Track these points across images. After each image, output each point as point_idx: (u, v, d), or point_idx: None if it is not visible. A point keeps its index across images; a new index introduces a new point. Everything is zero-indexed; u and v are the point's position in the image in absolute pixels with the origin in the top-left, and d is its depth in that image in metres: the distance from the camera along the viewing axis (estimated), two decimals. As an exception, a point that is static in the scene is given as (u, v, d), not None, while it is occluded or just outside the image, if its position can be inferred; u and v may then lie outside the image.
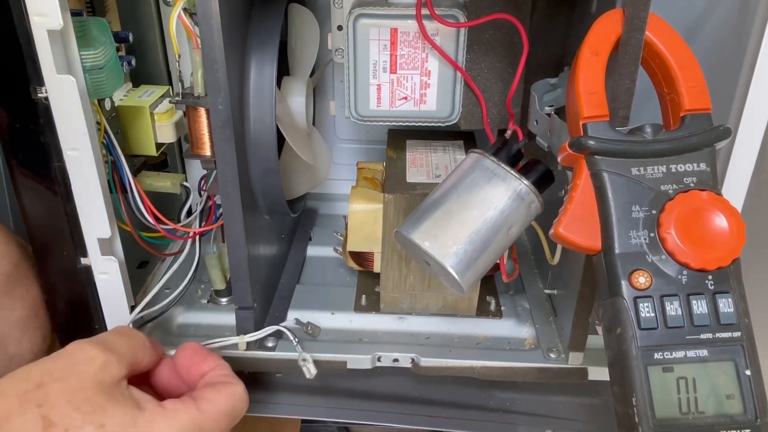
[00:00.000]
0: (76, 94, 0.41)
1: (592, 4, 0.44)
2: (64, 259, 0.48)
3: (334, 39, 0.53)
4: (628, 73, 0.37)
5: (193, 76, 0.46)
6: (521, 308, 0.58)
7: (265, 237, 0.55)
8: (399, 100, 0.51)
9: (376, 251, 0.56)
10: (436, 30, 0.48)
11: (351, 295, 0.59)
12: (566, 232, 0.36)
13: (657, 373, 0.34)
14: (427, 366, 0.52)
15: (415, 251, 0.43)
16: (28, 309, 0.50)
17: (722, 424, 0.34)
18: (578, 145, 0.37)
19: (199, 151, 0.48)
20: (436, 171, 0.55)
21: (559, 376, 0.51)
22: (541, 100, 0.47)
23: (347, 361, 0.51)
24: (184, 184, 0.58)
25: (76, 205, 0.45)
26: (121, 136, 0.51)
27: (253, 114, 0.47)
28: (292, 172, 0.58)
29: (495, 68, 0.51)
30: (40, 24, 0.39)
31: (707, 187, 0.36)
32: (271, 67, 0.47)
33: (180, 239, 0.57)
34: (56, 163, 0.44)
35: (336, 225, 0.70)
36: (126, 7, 0.55)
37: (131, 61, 0.54)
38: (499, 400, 0.56)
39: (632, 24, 0.36)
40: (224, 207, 0.46)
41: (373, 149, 0.73)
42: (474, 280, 0.42)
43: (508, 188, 0.41)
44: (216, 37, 0.40)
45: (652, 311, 0.35)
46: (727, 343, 0.35)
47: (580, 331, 0.49)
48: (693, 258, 0.35)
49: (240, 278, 0.49)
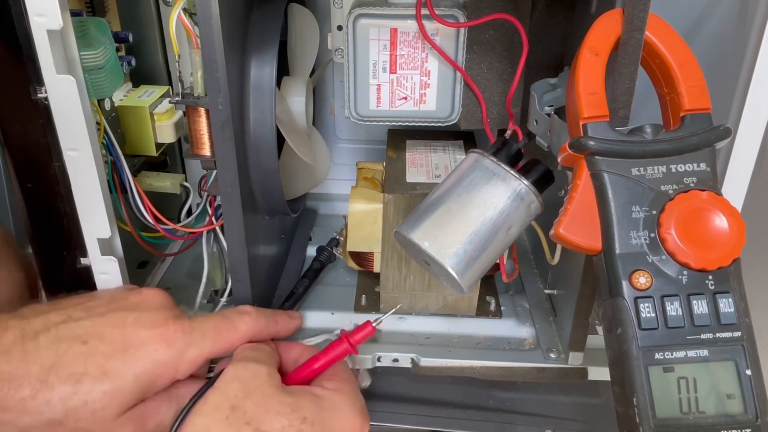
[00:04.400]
0: (76, 95, 0.41)
1: (592, 4, 0.44)
2: (64, 259, 0.48)
3: (334, 39, 0.53)
4: (628, 73, 0.37)
5: (192, 77, 0.46)
6: (521, 308, 0.58)
7: (265, 237, 0.55)
8: (399, 100, 0.51)
9: (376, 251, 0.56)
10: (435, 30, 0.48)
11: (351, 295, 0.59)
12: (566, 232, 0.36)
13: (658, 373, 0.34)
14: (427, 366, 0.52)
15: (415, 251, 0.43)
16: (11, 291, 0.50)
17: (723, 423, 0.34)
18: (578, 146, 0.37)
19: (199, 151, 0.48)
20: (436, 171, 0.55)
21: (559, 376, 0.51)
22: (541, 100, 0.47)
23: (347, 361, 0.51)
24: (184, 184, 0.58)
25: (76, 205, 0.45)
26: (121, 136, 0.51)
27: (253, 114, 0.47)
28: (292, 172, 0.58)
29: (495, 68, 0.51)
30: (40, 24, 0.39)
31: (707, 187, 0.36)
32: (271, 67, 0.47)
33: (180, 239, 0.57)
34: (56, 163, 0.44)
35: (336, 225, 0.70)
36: (126, 7, 0.55)
37: (131, 61, 0.54)
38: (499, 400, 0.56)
39: (632, 24, 0.36)
40: (224, 207, 0.46)
41: (373, 149, 0.73)
42: (474, 280, 0.42)
43: (507, 188, 0.41)
44: (216, 37, 0.40)
45: (653, 311, 0.35)
46: (728, 343, 0.35)
47: (580, 331, 0.49)
48: (693, 258, 0.35)
49: (240, 278, 0.49)
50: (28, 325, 0.40)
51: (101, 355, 0.40)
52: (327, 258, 0.62)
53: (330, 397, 0.43)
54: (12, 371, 0.38)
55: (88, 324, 0.41)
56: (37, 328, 0.40)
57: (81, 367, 0.39)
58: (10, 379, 0.38)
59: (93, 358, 0.40)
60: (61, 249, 0.47)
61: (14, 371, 0.38)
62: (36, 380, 0.38)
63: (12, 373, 0.38)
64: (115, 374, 0.40)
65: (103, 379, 0.39)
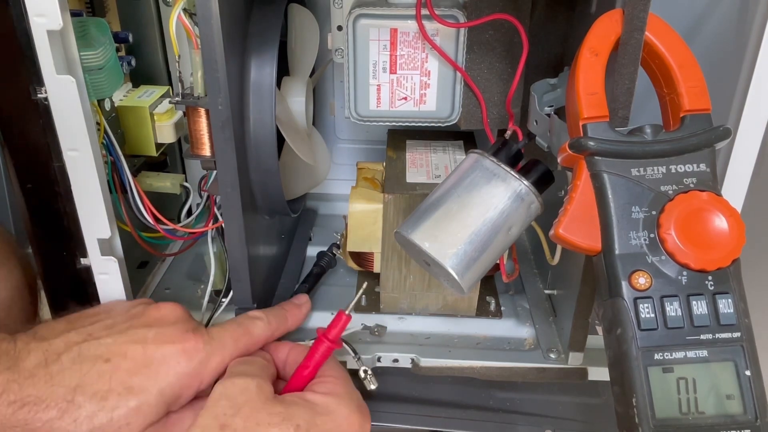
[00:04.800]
0: (75, 95, 0.41)
1: (592, 4, 0.44)
2: (64, 259, 0.48)
3: (334, 39, 0.53)
4: (628, 73, 0.37)
5: (193, 77, 0.46)
6: (521, 308, 0.58)
7: (264, 237, 0.55)
8: (399, 100, 0.51)
9: (376, 251, 0.56)
10: (435, 30, 0.48)
11: (351, 295, 0.59)
12: (566, 233, 0.36)
13: (657, 373, 0.34)
14: (427, 366, 0.52)
15: (415, 252, 0.43)
16: (11, 290, 0.50)
17: (722, 424, 0.34)
18: (578, 146, 0.37)
19: (199, 152, 0.48)
20: (436, 171, 0.55)
21: (559, 376, 0.51)
22: (541, 100, 0.47)
23: (347, 362, 0.51)
24: (184, 184, 0.58)
25: (76, 205, 0.45)
26: (121, 136, 0.51)
27: (253, 114, 0.47)
28: (291, 173, 0.58)
29: (495, 68, 0.51)
30: (39, 24, 0.39)
31: (707, 187, 0.36)
32: (271, 68, 0.47)
33: (180, 239, 0.57)
34: (56, 164, 0.44)
35: (336, 225, 0.70)
36: (126, 8, 0.55)
37: (131, 62, 0.54)
38: (499, 400, 0.56)
39: (632, 24, 0.36)
40: (224, 207, 0.46)
41: (373, 149, 0.73)
42: (474, 280, 0.42)
43: (507, 189, 0.41)
44: (216, 38, 0.40)
45: (652, 312, 0.35)
46: (727, 344, 0.35)
47: (580, 331, 0.49)
48: (693, 259, 0.35)
49: (240, 278, 0.49)
50: (50, 347, 0.40)
51: (124, 372, 0.40)
52: (327, 263, 0.62)
53: (323, 401, 0.42)
54: (38, 395, 0.38)
55: (110, 342, 0.41)
56: (59, 349, 0.40)
57: (105, 384, 0.40)
58: (37, 402, 0.38)
59: (117, 375, 0.40)
60: (61, 249, 0.47)
61: (41, 394, 0.38)
62: (62, 401, 0.38)
63: (38, 396, 0.38)
64: (139, 390, 0.40)
65: (128, 395, 0.40)
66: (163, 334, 0.42)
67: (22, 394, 0.38)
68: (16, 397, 0.38)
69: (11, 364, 0.39)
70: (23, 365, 0.39)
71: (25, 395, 0.38)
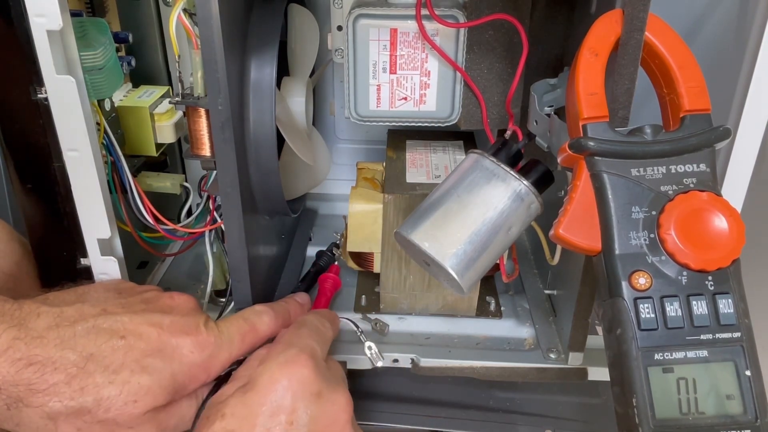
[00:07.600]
0: (75, 95, 0.41)
1: (592, 5, 0.44)
2: (64, 259, 0.48)
3: (334, 39, 0.53)
4: (628, 73, 0.37)
5: (192, 77, 0.46)
6: (521, 308, 0.58)
7: (264, 237, 0.55)
8: (399, 100, 0.51)
9: (376, 251, 0.56)
10: (435, 30, 0.48)
11: (351, 295, 0.59)
12: (566, 233, 0.36)
13: (657, 373, 0.34)
14: (427, 366, 0.52)
15: (415, 252, 0.43)
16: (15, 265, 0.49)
17: (722, 424, 0.34)
18: (578, 146, 0.37)
19: (199, 152, 0.48)
20: (436, 171, 0.55)
21: (559, 376, 0.51)
22: (541, 100, 0.47)
23: (347, 362, 0.51)
24: (184, 185, 0.58)
25: (76, 206, 0.45)
26: (121, 136, 0.51)
27: (253, 114, 0.47)
28: (291, 173, 0.58)
29: (495, 68, 0.51)
30: (39, 24, 0.39)
31: (707, 187, 0.36)
32: (271, 68, 0.47)
33: (180, 239, 0.57)
34: (56, 164, 0.44)
35: (336, 225, 0.70)
36: (126, 8, 0.55)
37: (131, 62, 0.54)
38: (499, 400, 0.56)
39: (632, 24, 0.36)
40: (224, 207, 0.46)
41: (373, 149, 0.73)
42: (474, 280, 0.42)
43: (507, 189, 0.41)
44: (216, 38, 0.40)
45: (652, 312, 0.35)
46: (727, 344, 0.35)
47: (580, 331, 0.49)
48: (693, 259, 0.35)
49: (240, 278, 0.49)
50: (63, 313, 0.40)
51: (139, 351, 0.40)
52: (326, 263, 0.62)
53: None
54: (47, 356, 0.37)
55: (126, 320, 0.41)
56: (73, 317, 0.40)
57: (119, 359, 0.39)
58: (45, 363, 0.37)
59: (131, 354, 0.40)
60: (61, 249, 0.47)
61: (50, 356, 0.37)
62: (72, 366, 0.38)
63: (48, 357, 0.37)
64: (153, 370, 0.40)
65: (141, 372, 0.39)
66: (178, 323, 0.42)
67: (28, 353, 0.37)
68: (22, 355, 0.37)
69: (16, 323, 0.38)
70: (31, 326, 0.38)
71: (33, 354, 0.37)
